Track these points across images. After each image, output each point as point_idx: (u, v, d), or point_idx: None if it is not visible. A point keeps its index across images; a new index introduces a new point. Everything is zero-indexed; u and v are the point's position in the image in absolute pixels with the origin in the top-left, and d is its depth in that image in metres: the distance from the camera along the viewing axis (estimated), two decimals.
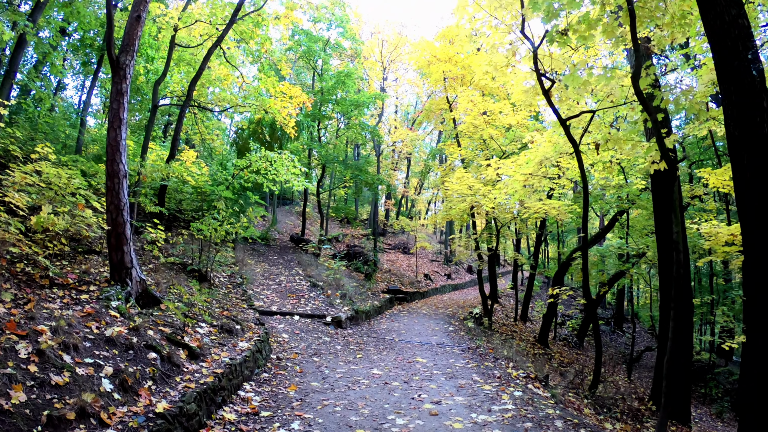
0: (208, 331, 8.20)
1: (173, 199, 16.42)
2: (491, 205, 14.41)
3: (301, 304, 13.56)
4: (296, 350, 9.71)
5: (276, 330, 11.05)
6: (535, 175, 11.81)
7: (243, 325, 9.25)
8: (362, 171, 20.53)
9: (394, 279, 23.10)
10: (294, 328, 11.51)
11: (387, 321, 15.15)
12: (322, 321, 12.46)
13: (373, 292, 18.53)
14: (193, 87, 13.38)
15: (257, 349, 8.21)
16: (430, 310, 18.73)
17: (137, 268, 8.16)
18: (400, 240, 32.82)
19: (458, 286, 28.49)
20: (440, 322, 15.53)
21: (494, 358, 10.22)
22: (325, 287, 15.35)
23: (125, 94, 8.41)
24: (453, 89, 21.71)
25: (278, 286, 15.09)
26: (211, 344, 7.65)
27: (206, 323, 8.46)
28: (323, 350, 9.90)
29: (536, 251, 21.72)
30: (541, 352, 17.08)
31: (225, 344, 7.93)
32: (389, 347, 10.70)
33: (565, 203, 15.78)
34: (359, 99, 20.84)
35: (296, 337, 10.81)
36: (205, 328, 8.28)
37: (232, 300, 11.54)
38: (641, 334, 31.06)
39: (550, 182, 14.92)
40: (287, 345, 10.07)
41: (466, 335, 13.34)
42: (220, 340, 8.00)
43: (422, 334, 12.67)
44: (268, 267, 17.42)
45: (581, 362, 19.60)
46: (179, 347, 6.85)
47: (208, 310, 9.19)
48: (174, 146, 12.84)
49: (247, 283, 14.44)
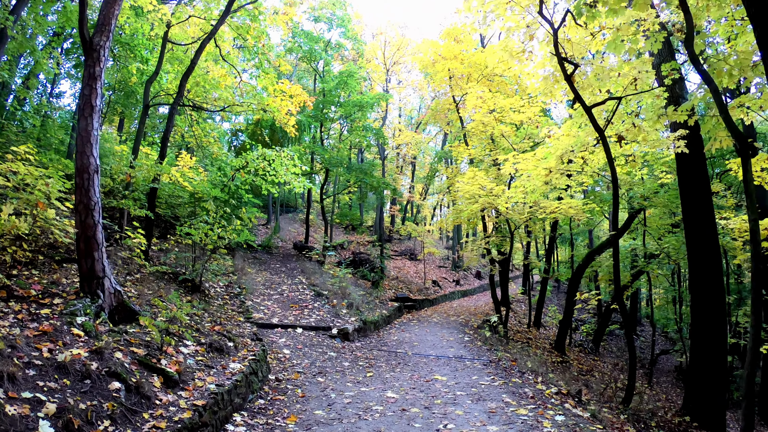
0: (194, 350, 6.93)
1: (167, 204, 15.24)
2: (507, 205, 13.14)
3: (304, 315, 12.29)
4: (298, 369, 8.42)
5: (276, 345, 9.78)
6: (556, 169, 10.54)
7: (236, 341, 7.98)
8: (367, 174, 19.31)
9: (402, 286, 21.81)
10: (296, 342, 10.23)
11: (397, 331, 13.86)
12: (327, 333, 11.18)
13: (380, 301, 17.24)
14: (185, 83, 12.18)
15: (252, 371, 6.93)
16: (442, 319, 17.42)
17: (111, 278, 6.92)
18: (406, 246, 31.55)
19: (467, 293, 27.16)
20: (453, 331, 14.23)
21: (520, 372, 8.91)
22: (330, 296, 14.08)
23: (99, 78, 7.23)
24: (459, 88, 20.52)
25: (280, 296, 13.83)
26: (196, 367, 6.38)
27: (192, 341, 7.20)
28: (329, 368, 8.61)
29: (549, 254, 20.41)
30: (559, 359, 15.82)
31: (213, 366, 6.66)
32: (402, 362, 9.40)
33: (581, 202, 14.51)
34: (362, 100, 19.67)
35: (299, 352, 9.53)
36: (191, 346, 7.01)
37: (227, 312, 10.28)
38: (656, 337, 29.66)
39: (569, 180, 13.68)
40: (288, 363, 8.79)
41: (484, 345, 12.04)
42: (207, 362, 6.73)
43: (437, 346, 11.36)
44: (269, 276, 16.16)
45: (600, 369, 18.33)
46: (153, 373, 5.59)
47: (197, 325, 7.93)
48: (164, 146, 11.64)
49: (246, 293, 13.19)
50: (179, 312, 6.44)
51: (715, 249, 10.87)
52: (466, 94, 19.90)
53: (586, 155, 10.59)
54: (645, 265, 14.54)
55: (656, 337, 28.76)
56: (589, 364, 18.01)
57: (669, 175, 13.12)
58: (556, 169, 10.49)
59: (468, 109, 17.94)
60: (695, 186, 11.30)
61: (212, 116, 18.75)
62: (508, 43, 10.86)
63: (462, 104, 19.82)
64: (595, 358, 19.68)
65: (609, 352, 22.71)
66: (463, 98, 20.02)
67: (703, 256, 10.81)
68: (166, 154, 12.08)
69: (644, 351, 26.35)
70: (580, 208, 14.38)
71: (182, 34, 16.64)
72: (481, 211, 17.65)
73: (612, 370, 18.91)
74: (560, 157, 11.15)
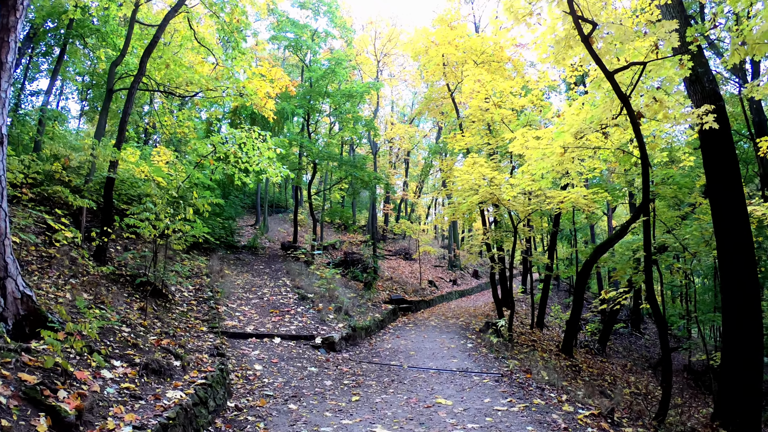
0: (123, 373, 5.13)
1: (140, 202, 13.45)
2: (512, 194, 11.39)
3: (285, 321, 10.48)
4: (268, 390, 6.62)
5: (247, 359, 7.98)
6: (573, 146, 8.77)
7: (186, 359, 6.17)
8: (357, 168, 17.54)
9: (397, 287, 20.02)
10: (272, 355, 8.43)
11: (391, 337, 12.06)
12: (310, 343, 9.38)
13: (373, 303, 15.45)
14: (146, 59, 10.39)
15: (198, 401, 5.14)
16: (440, 322, 15.64)
17: (18, 280, 5.12)
18: (401, 246, 29.75)
19: (465, 293, 25.37)
20: (454, 336, 12.45)
21: (539, 389, 7.15)
22: (315, 300, 12.27)
23: (12, 30, 5.48)
24: (454, 76, 18.79)
25: (260, 300, 12.02)
26: (117, 398, 4.58)
27: (123, 361, 5.40)
28: (306, 389, 6.81)
29: (551, 250, 18.61)
30: (568, 363, 14.14)
31: (143, 396, 4.86)
32: (397, 379, 7.60)
33: (591, 191, 12.76)
34: (351, 89, 17.90)
35: (273, 368, 7.74)
36: (120, 368, 5.22)
37: (188, 321, 8.48)
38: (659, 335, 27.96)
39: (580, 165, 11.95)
40: (258, 382, 6.99)
41: (490, 353, 10.26)
42: (136, 389, 4.93)
43: (437, 356, 9.56)
44: (251, 278, 14.35)
45: (610, 372, 16.66)
46: (40, 412, 3.80)
47: (135, 340, 6.12)
48: (121, 130, 9.84)
49: (220, 297, 11.38)
50: (88, 325, 4.63)
51: (747, 236, 9.15)
52: (461, 82, 18.19)
53: (609, 128, 8.83)
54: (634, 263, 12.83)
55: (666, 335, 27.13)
56: (598, 367, 16.36)
57: (691, 158, 11.42)
58: (573, 146, 8.72)
59: (465, 95, 16.19)
60: (724, 167, 9.58)
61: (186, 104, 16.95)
62: (513, 2, 9.14)
63: (458, 91, 18.08)
64: (603, 360, 18.05)
65: (615, 352, 21.05)
66: (459, 85, 18.30)
67: (735, 244, 9.11)
68: (123, 139, 10.27)
69: (649, 349, 24.74)
70: (590, 198, 12.66)
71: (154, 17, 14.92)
72: (479, 204, 15.92)
73: (622, 373, 17.29)
74: (577, 134, 9.39)
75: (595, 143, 9.20)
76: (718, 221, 9.56)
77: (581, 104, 10.23)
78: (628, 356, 21.03)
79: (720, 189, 9.47)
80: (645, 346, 24.53)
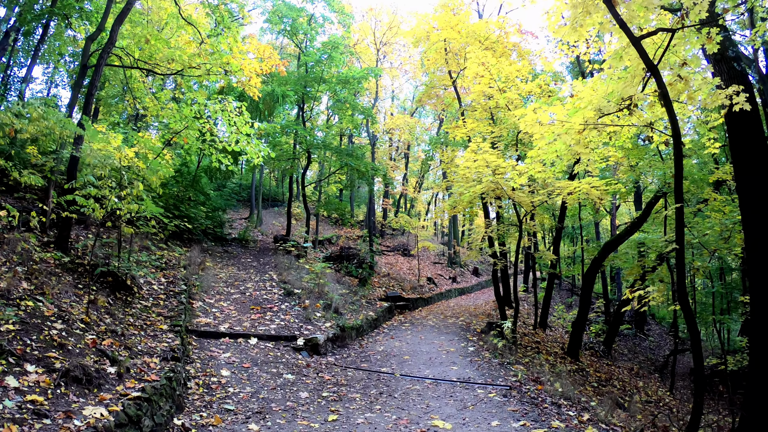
0: (34, 381, 3.96)
1: None
2: (520, 182, 10.16)
3: (265, 320, 9.28)
4: (229, 404, 5.43)
5: (214, 363, 6.79)
6: (595, 118, 7.51)
7: (125, 364, 4.98)
8: (354, 157, 16.33)
9: (394, 284, 18.81)
10: (245, 358, 7.24)
11: (385, 338, 10.86)
12: (291, 345, 8.18)
13: (368, 300, 14.25)
14: (118, 26, 9.21)
15: (126, 420, 3.94)
16: (438, 321, 14.44)
17: None
18: (399, 242, 28.52)
19: (465, 290, 24.14)
20: (453, 337, 11.25)
21: (555, 405, 5.96)
22: (303, 296, 11.06)
23: None
24: (456, 63, 17.56)
25: (242, 295, 10.82)
26: (13, 414, 3.39)
27: (41, 364, 4.20)
28: (276, 403, 5.62)
29: (555, 247, 17.31)
30: (574, 368, 13.03)
31: (51, 412, 3.66)
32: (387, 390, 6.40)
33: (604, 182, 11.53)
34: (348, 75, 16.66)
35: (243, 374, 6.55)
36: (33, 374, 4.03)
37: (148, 317, 7.28)
38: (662, 336, 27.00)
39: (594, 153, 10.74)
40: (220, 392, 5.80)
41: (494, 358, 9.06)
42: (45, 403, 3.74)
43: (434, 362, 8.35)
44: (235, 271, 13.15)
45: (618, 376, 15.51)
46: None
47: (63, 340, 4.92)
48: (88, 103, 8.64)
49: (197, 291, 10.19)
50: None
51: None
52: (464, 69, 16.95)
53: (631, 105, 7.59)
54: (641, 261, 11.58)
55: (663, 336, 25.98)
56: (605, 371, 15.23)
57: (717, 144, 10.18)
58: (595, 119, 7.47)
59: (468, 79, 14.93)
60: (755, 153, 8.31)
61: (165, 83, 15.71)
62: None
63: (460, 77, 16.83)
64: (609, 363, 16.89)
65: (620, 354, 19.88)
66: (461, 73, 17.06)
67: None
68: (90, 114, 9.07)
69: (654, 351, 23.60)
70: (603, 189, 11.44)
71: None
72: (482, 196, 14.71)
73: (630, 377, 16.12)
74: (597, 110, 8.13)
75: (616, 122, 7.97)
76: (747, 212, 8.30)
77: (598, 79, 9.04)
78: (633, 359, 19.91)
79: (750, 177, 8.23)
80: (650, 348, 23.42)
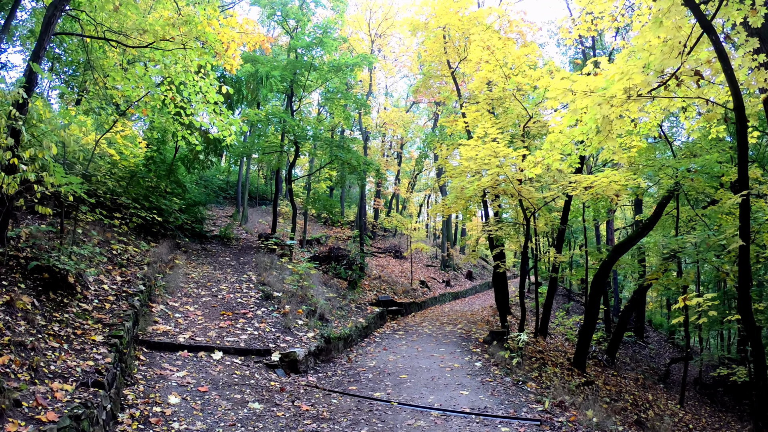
0: None
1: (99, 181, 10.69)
2: (536, 171, 8.66)
3: (236, 328, 7.68)
4: None
5: (165, 385, 5.20)
6: (644, 83, 5.96)
7: (12, 396, 3.35)
8: (344, 149, 14.78)
9: (385, 287, 17.25)
10: (203, 378, 5.64)
11: (377, 349, 9.30)
12: (263, 360, 6.59)
13: (357, 305, 12.68)
14: None
15: None
16: (435, 328, 12.92)
17: None
18: (391, 243, 26.94)
19: (459, 295, 22.60)
20: (455, 349, 9.71)
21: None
22: (283, 299, 9.44)
23: None
24: (456, 52, 16.05)
25: (213, 298, 9.20)
26: None
27: None
28: None
29: (558, 248, 15.62)
30: (583, 380, 11.64)
31: None
32: (382, 428, 4.80)
33: (623, 176, 10.06)
34: (341, 61, 15.11)
35: (196, 402, 4.95)
36: None
37: (83, 324, 5.64)
38: (661, 344, 25.79)
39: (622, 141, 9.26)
40: (161, 428, 4.19)
41: (505, 376, 7.55)
42: None
43: (438, 383, 6.76)
44: (211, 271, 11.52)
45: (628, 389, 14.17)
46: None
47: None
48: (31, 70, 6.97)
49: (162, 293, 8.57)
50: None
51: None
52: (465, 59, 15.48)
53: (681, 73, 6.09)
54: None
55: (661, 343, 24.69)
56: (613, 383, 13.90)
57: (755, 133, 8.78)
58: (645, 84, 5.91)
59: (471, 64, 13.44)
60: None
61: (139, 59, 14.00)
62: None
63: (465, 62, 15.28)
64: (614, 373, 15.54)
65: (623, 363, 18.50)
66: (461, 63, 15.56)
67: None
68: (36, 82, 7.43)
69: (654, 359, 22.34)
70: (622, 183, 9.99)
71: None
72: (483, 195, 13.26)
73: (637, 388, 14.75)
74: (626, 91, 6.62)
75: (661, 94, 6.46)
76: None
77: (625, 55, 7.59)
78: (636, 368, 18.57)
79: None
80: (650, 356, 22.14)
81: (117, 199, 10.94)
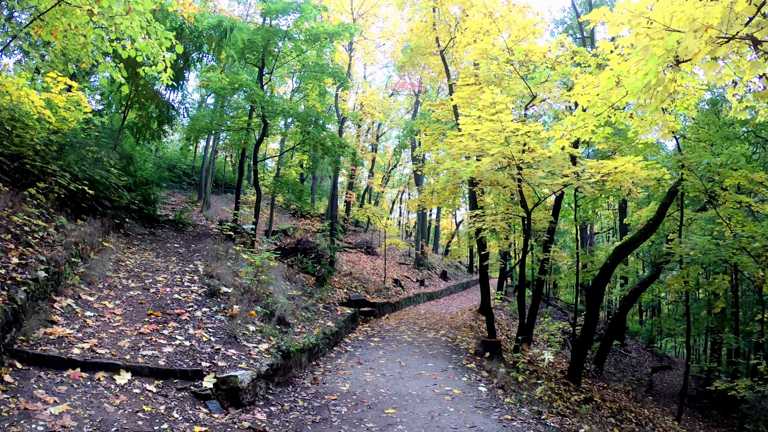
0: None
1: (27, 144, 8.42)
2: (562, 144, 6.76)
3: (162, 335, 5.54)
4: None
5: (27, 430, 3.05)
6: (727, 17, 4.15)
7: None
8: (318, 126, 12.72)
9: (357, 284, 15.22)
10: (94, 417, 3.51)
11: (350, 363, 7.27)
12: (189, 387, 4.48)
13: (326, 305, 10.63)
14: None
15: None
16: (415, 334, 10.97)
17: None
18: (362, 239, 24.90)
19: (434, 295, 20.74)
20: (446, 364, 7.78)
21: None
22: (233, 297, 7.30)
23: None
24: (446, 31, 14.14)
25: (144, 292, 7.00)
26: None
27: None
28: None
29: (546, 247, 13.87)
30: (581, 397, 9.98)
31: None
32: None
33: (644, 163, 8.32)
34: (319, 29, 12.98)
35: None
36: None
37: None
38: (640, 352, 24.74)
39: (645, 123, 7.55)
40: None
41: (520, 405, 5.66)
42: None
43: (443, 427, 4.73)
44: (152, 258, 9.28)
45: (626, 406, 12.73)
46: None
47: None
48: None
49: (76, 282, 6.34)
50: None
51: None
52: (454, 38, 13.59)
53: None
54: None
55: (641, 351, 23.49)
56: (609, 398, 12.65)
57: None
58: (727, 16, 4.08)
59: (469, 33, 11.51)
60: None
61: None
62: None
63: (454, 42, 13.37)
64: (605, 385, 14.22)
65: (609, 374, 17.16)
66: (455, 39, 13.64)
67: None
68: None
69: (636, 369, 21.25)
70: (644, 170, 8.26)
71: None
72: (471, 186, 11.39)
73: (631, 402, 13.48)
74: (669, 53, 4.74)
75: None
76: None
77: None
78: (622, 378, 17.32)
79: None
80: (632, 365, 20.93)
81: (45, 168, 8.66)
